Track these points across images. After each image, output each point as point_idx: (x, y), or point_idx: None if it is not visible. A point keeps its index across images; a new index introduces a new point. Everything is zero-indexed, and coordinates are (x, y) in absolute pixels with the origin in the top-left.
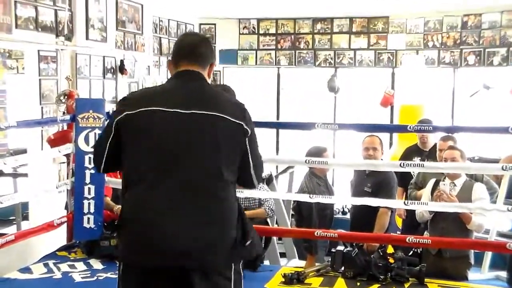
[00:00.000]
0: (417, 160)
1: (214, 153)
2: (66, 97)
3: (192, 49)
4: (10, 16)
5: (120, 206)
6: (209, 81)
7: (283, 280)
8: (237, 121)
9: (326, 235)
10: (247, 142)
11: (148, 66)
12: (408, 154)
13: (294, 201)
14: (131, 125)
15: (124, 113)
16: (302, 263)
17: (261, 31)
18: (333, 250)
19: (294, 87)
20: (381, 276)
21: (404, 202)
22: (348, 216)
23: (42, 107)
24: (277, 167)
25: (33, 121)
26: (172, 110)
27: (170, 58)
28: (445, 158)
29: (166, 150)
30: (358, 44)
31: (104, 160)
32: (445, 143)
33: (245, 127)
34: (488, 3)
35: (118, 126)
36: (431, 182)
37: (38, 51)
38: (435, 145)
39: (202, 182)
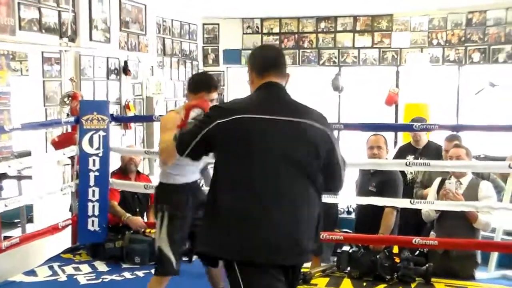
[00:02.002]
0: (410, 158)
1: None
2: (70, 98)
3: (278, 61)
4: (13, 18)
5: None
6: None
7: None
8: (327, 130)
9: (332, 238)
10: (332, 147)
11: (152, 67)
12: (402, 152)
13: None
14: (230, 131)
15: (230, 118)
16: (307, 263)
17: (265, 31)
18: (338, 250)
19: (298, 86)
20: (387, 276)
21: (410, 201)
22: (353, 215)
23: (46, 109)
24: None
25: (37, 123)
26: (273, 117)
27: (251, 69)
28: (450, 156)
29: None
30: (362, 42)
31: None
32: (451, 144)
33: (329, 133)
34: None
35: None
36: (437, 181)
37: (42, 52)
38: (428, 143)
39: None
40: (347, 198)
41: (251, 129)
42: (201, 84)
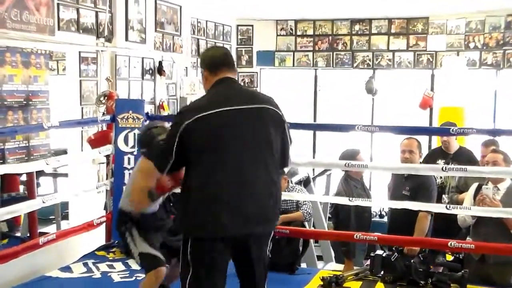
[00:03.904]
0: (441, 162)
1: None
2: (106, 98)
3: (228, 58)
4: (53, 18)
5: None
6: None
7: (322, 283)
8: (279, 112)
9: (366, 238)
10: (285, 127)
11: (186, 67)
12: (432, 156)
13: (332, 204)
14: (199, 129)
15: (197, 116)
16: (339, 266)
17: (299, 32)
18: (372, 254)
19: (331, 88)
20: (421, 282)
21: (446, 207)
22: (385, 219)
23: (82, 108)
24: (313, 169)
25: (74, 121)
26: (237, 107)
27: (204, 68)
28: (487, 161)
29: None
30: (397, 45)
31: None
32: (488, 149)
33: (281, 114)
34: None
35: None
36: (474, 186)
37: (79, 52)
38: (460, 149)
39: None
40: (381, 202)
41: (219, 121)
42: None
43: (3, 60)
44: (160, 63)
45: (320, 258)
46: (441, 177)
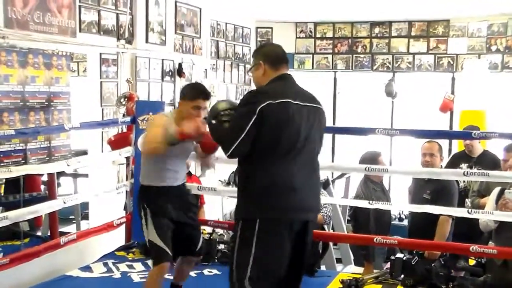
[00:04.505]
0: (464, 166)
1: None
2: (126, 99)
3: (286, 56)
4: (74, 20)
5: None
6: None
7: (341, 286)
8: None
9: (386, 241)
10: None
11: (206, 69)
12: (455, 160)
13: (351, 207)
14: (279, 113)
15: (279, 101)
16: (359, 269)
17: (318, 35)
18: (392, 257)
19: (350, 91)
20: (442, 286)
21: (468, 211)
22: (404, 222)
23: (102, 109)
24: (332, 172)
25: (95, 122)
26: (303, 104)
27: (264, 62)
28: (510, 165)
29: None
30: (417, 48)
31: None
32: (510, 153)
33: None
34: None
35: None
36: (496, 191)
37: (100, 54)
38: (484, 152)
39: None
40: (401, 205)
41: (292, 113)
42: (198, 91)
43: (26, 62)
44: (180, 65)
45: (339, 260)
46: (464, 181)
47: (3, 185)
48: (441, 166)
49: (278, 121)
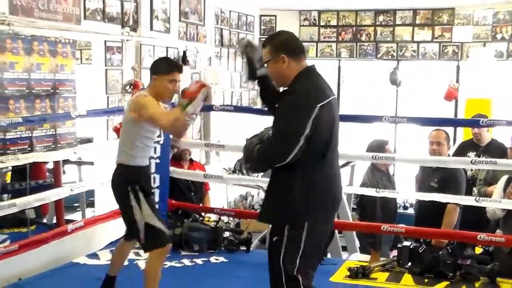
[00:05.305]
0: (472, 155)
1: None
2: (131, 87)
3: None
4: (79, 8)
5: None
6: None
7: (348, 274)
8: None
9: (393, 230)
10: None
11: (210, 57)
12: (463, 148)
13: (356, 195)
14: (329, 114)
15: (327, 100)
16: (365, 257)
17: (322, 23)
18: (399, 245)
19: (355, 79)
20: (449, 274)
21: (475, 199)
22: (409, 210)
23: (108, 97)
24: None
25: (101, 110)
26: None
27: (286, 53)
28: None
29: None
30: (421, 36)
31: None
32: None
33: None
34: None
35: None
36: (503, 179)
37: (105, 41)
38: (492, 141)
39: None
40: (408, 194)
41: (334, 112)
42: (173, 65)
43: (31, 49)
44: (184, 52)
45: (344, 248)
46: (471, 170)
47: (9, 173)
48: (448, 154)
49: (328, 123)
